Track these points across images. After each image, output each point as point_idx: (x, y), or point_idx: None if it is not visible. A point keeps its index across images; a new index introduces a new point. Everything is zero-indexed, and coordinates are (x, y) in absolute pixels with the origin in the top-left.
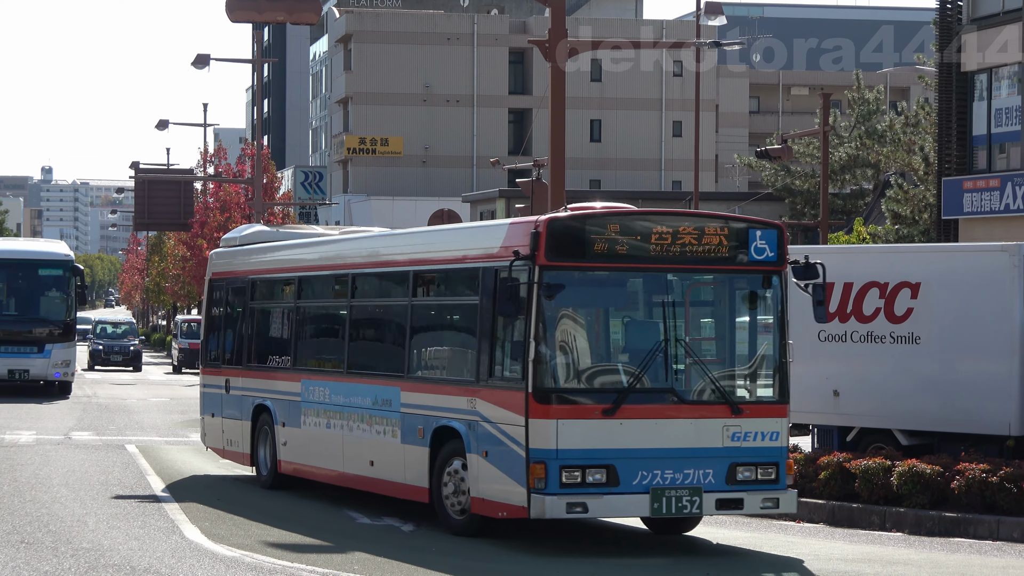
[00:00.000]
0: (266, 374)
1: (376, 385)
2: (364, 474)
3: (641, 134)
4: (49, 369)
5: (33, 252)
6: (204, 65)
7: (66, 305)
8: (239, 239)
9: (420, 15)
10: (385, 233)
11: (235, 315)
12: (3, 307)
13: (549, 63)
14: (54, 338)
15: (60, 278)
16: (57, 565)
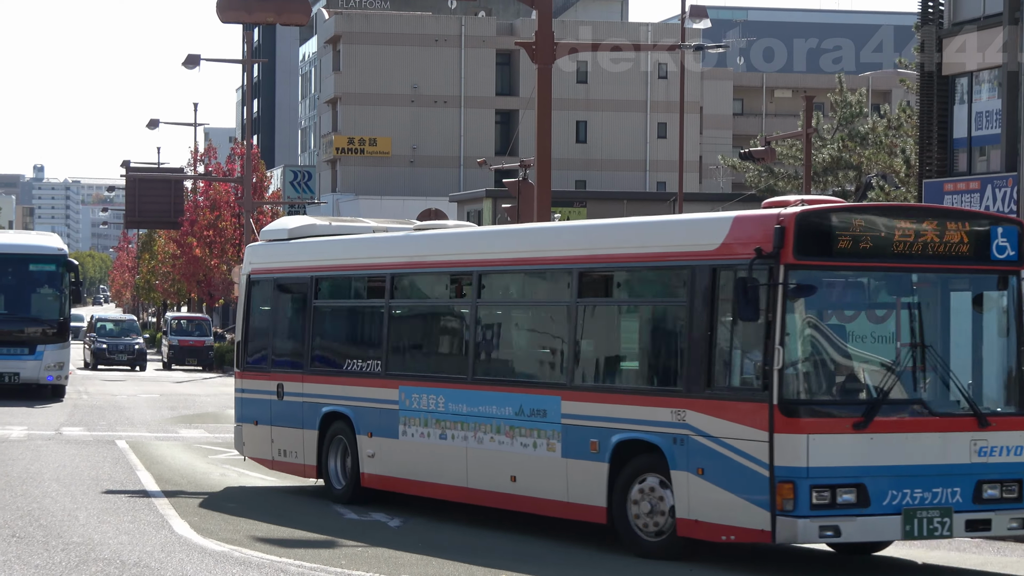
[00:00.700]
0: (342, 379)
1: (523, 394)
2: (500, 490)
3: (626, 135)
4: (41, 372)
5: (23, 246)
6: (194, 65)
7: (59, 303)
8: (287, 232)
9: (408, 17)
10: (531, 228)
11: (290, 314)
12: None
13: (536, 65)
14: (46, 338)
15: (53, 274)
16: (48, 559)
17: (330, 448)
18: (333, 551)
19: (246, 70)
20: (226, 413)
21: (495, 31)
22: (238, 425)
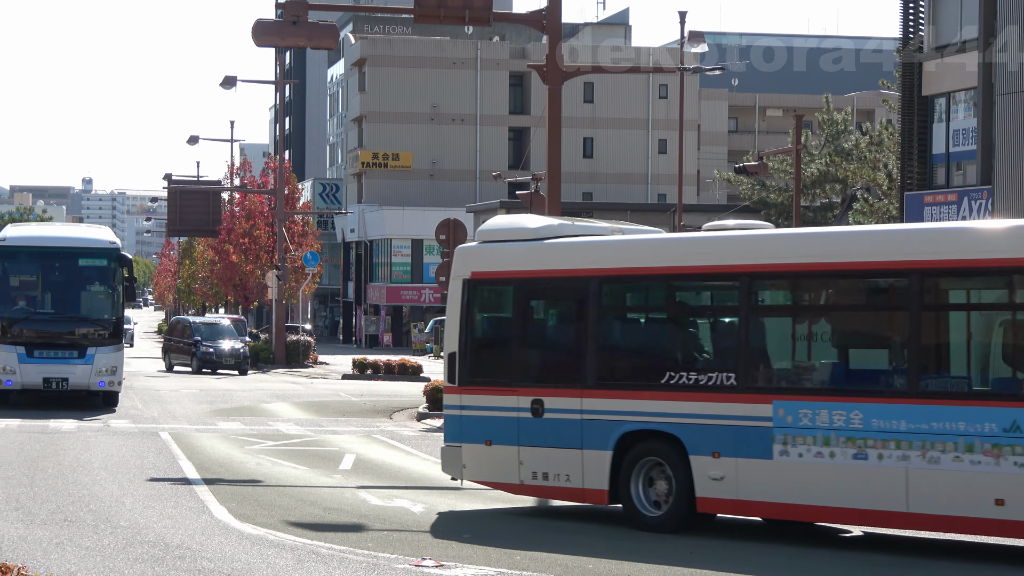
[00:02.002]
0: (657, 394)
1: (1012, 408)
2: (976, 515)
3: (629, 151)
4: (92, 377)
5: (72, 239)
6: (231, 86)
7: (111, 301)
8: (532, 232)
9: (428, 41)
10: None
11: (553, 322)
12: (38, 304)
13: (546, 86)
14: (98, 341)
15: (104, 269)
16: (97, 541)
17: (632, 470)
18: (361, 535)
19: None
20: (260, 407)
21: (508, 54)
22: (454, 446)
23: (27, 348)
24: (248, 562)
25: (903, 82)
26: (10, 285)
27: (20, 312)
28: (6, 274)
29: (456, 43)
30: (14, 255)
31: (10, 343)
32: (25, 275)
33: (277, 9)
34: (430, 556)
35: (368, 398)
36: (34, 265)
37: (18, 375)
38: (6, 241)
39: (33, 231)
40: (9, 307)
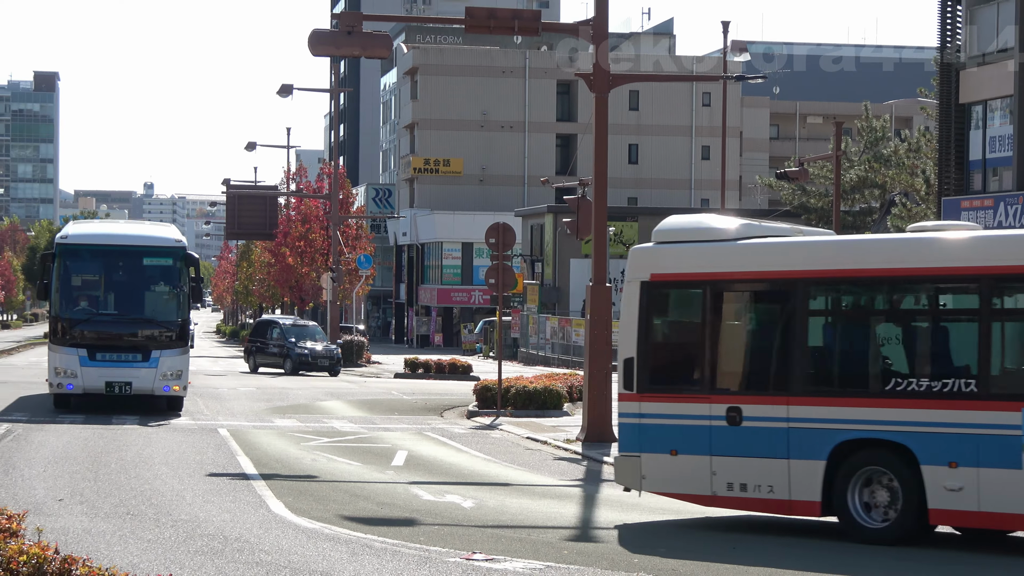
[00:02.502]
0: (884, 402)
1: None
2: None
3: (673, 157)
4: (156, 382)
5: (136, 237)
6: (288, 94)
7: (177, 302)
8: (725, 232)
9: (478, 50)
10: None
11: (752, 326)
12: (100, 305)
13: (593, 94)
14: (163, 343)
15: (170, 269)
16: (159, 534)
17: (850, 481)
18: (413, 529)
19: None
20: (316, 405)
21: (556, 63)
22: (632, 456)
23: (89, 350)
24: (304, 555)
25: (941, 90)
26: (71, 285)
27: (82, 313)
28: (67, 273)
29: (505, 52)
30: (76, 253)
31: (71, 345)
32: (87, 274)
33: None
34: (480, 550)
35: (419, 396)
36: (96, 264)
37: (80, 379)
38: (67, 239)
39: (96, 229)
40: (70, 308)
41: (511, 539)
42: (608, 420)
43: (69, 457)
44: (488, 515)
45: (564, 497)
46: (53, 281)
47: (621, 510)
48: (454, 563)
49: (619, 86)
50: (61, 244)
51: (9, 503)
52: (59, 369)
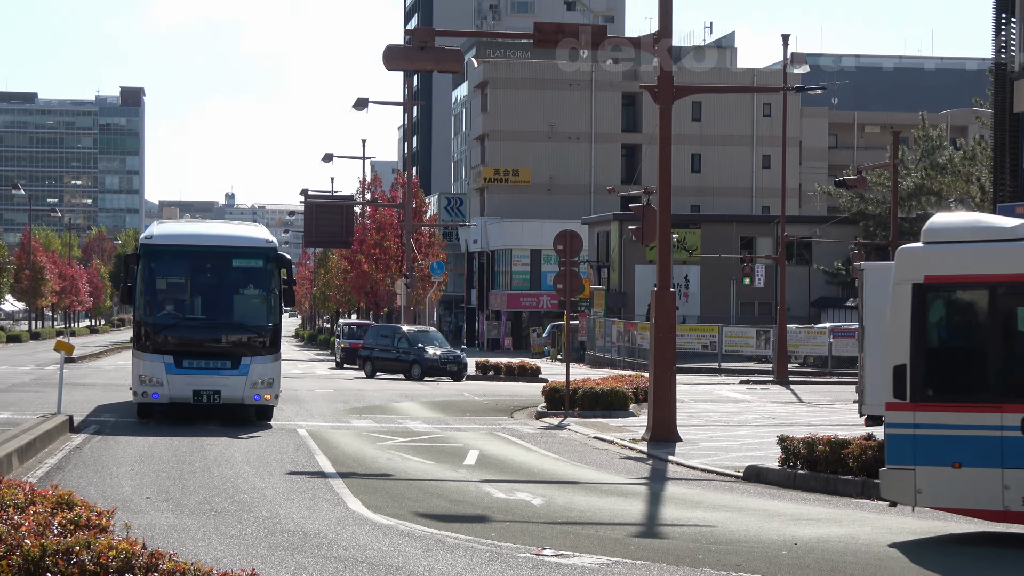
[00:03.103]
0: None
1: None
2: None
3: (735, 166)
4: (247, 390)
5: (224, 237)
6: (363, 107)
7: (268, 306)
8: (1012, 231)
9: (546, 64)
10: None
11: None
12: (187, 309)
13: (657, 105)
14: (254, 349)
15: (260, 271)
16: (241, 530)
17: None
18: (485, 525)
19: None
20: (391, 406)
21: (621, 76)
22: (904, 469)
23: (175, 357)
24: (380, 550)
25: (995, 99)
26: (156, 288)
27: (168, 318)
28: (151, 276)
29: (572, 65)
30: (161, 255)
31: (157, 351)
32: (173, 277)
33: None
34: (550, 546)
35: (490, 397)
36: (183, 266)
37: (165, 387)
38: (152, 239)
39: (181, 228)
40: (155, 312)
41: (579, 535)
42: (672, 420)
43: (154, 456)
44: (557, 512)
45: (630, 495)
46: (137, 284)
47: (685, 507)
48: (524, 558)
49: (682, 97)
50: (145, 245)
51: (99, 500)
52: (144, 377)
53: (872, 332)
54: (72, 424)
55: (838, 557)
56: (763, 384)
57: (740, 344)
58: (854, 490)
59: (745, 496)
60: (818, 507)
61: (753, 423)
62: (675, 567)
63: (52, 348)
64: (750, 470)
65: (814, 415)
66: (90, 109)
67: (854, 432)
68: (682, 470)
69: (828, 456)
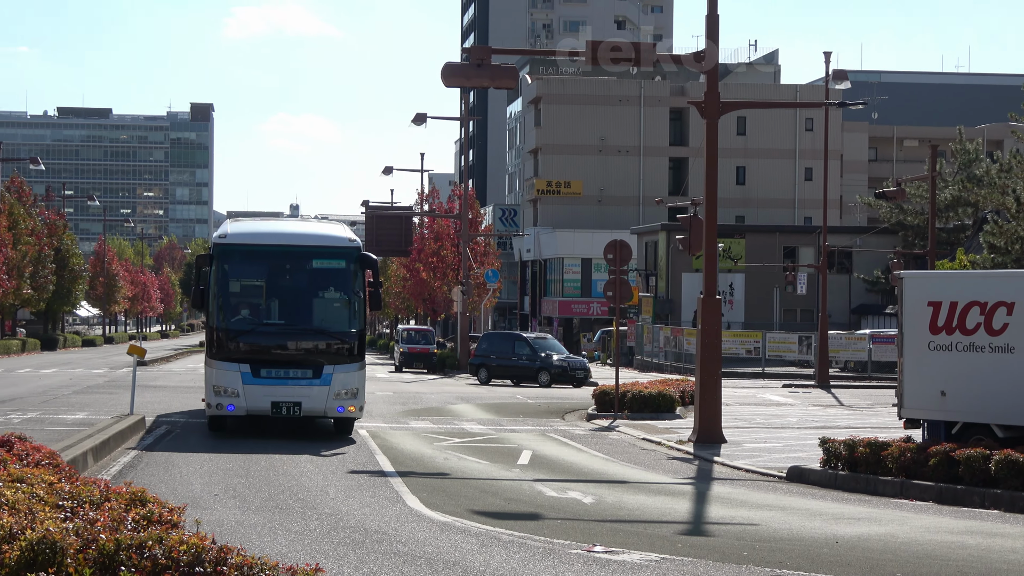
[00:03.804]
0: None
1: None
2: None
3: (778, 178)
4: (329, 402)
5: (305, 236)
6: (422, 122)
7: (351, 310)
8: None
9: (597, 81)
10: None
11: None
12: (264, 314)
13: (704, 120)
14: (337, 357)
15: (343, 272)
16: (305, 526)
17: None
18: (537, 523)
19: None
20: (447, 408)
21: (669, 92)
22: None
23: (252, 366)
24: (437, 546)
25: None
26: (230, 291)
27: (244, 323)
28: (225, 278)
29: (622, 82)
30: (236, 255)
31: (232, 360)
32: (249, 279)
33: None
34: (600, 542)
35: (542, 400)
36: (260, 267)
37: (242, 398)
38: (227, 239)
39: (258, 227)
40: (229, 317)
41: (628, 532)
42: (718, 422)
43: (221, 456)
44: (607, 510)
45: (677, 494)
46: (211, 287)
47: (730, 506)
48: (576, 555)
49: (728, 112)
50: (220, 244)
51: (170, 497)
52: (219, 387)
53: (911, 338)
54: (144, 424)
55: (878, 555)
56: (805, 388)
57: (783, 349)
58: (893, 490)
59: (788, 496)
60: (858, 507)
61: (795, 425)
62: (720, 563)
63: (125, 352)
64: (793, 471)
65: (854, 418)
66: (162, 124)
67: (893, 434)
68: (727, 470)
69: (868, 457)
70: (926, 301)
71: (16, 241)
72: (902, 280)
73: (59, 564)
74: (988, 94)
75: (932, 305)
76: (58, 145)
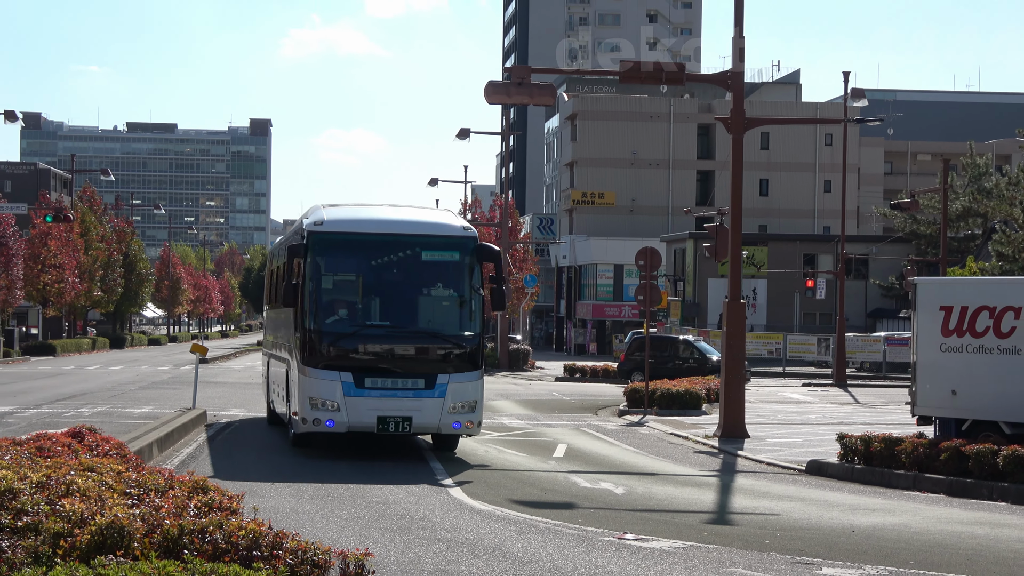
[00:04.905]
0: None
1: None
2: None
3: (799, 190)
4: (444, 417)
5: (414, 224)
6: (466, 137)
7: (469, 310)
8: None
9: (629, 98)
10: None
11: None
12: (365, 313)
13: (730, 135)
14: (453, 364)
15: (458, 266)
16: (355, 514)
17: None
18: (572, 511)
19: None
20: (487, 404)
21: (696, 109)
22: None
23: (355, 375)
24: (479, 532)
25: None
26: (327, 287)
27: (344, 324)
28: (317, 272)
29: (653, 100)
30: (334, 245)
31: (331, 367)
32: (346, 273)
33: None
34: (630, 530)
35: (577, 397)
36: (362, 259)
37: (343, 412)
38: (324, 226)
39: (359, 213)
40: (325, 317)
41: (657, 521)
42: (741, 419)
43: (276, 447)
44: (637, 500)
45: (703, 485)
46: (305, 283)
47: (753, 497)
48: (608, 542)
49: (752, 128)
50: (316, 233)
51: (229, 486)
52: (316, 400)
53: (923, 340)
54: (205, 418)
55: (892, 544)
56: (823, 387)
57: (802, 350)
58: (906, 483)
59: (807, 488)
60: (874, 498)
61: (814, 422)
62: (744, 551)
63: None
64: (812, 464)
65: (870, 415)
66: (223, 138)
67: (906, 431)
68: (750, 464)
69: (883, 452)
70: (938, 306)
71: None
72: (916, 286)
73: (127, 547)
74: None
75: (944, 309)
76: (127, 158)
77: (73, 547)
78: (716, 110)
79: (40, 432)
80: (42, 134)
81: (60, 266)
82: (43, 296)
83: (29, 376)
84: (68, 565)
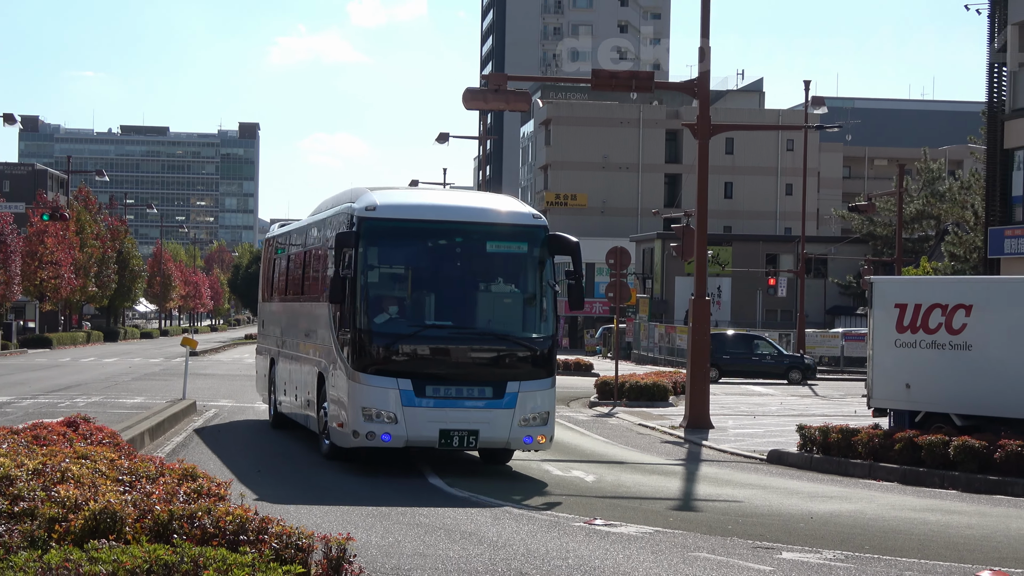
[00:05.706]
0: None
1: None
2: None
3: (761, 193)
4: (513, 430)
5: (474, 211)
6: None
7: (539, 308)
8: None
9: (601, 105)
10: None
11: None
12: (424, 312)
13: (697, 140)
14: (523, 370)
15: (527, 259)
16: (336, 499)
17: None
18: (544, 498)
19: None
20: None
21: (665, 115)
22: None
23: (415, 383)
24: (455, 518)
25: (988, 137)
26: (369, 282)
27: (400, 325)
28: (366, 265)
29: (623, 106)
30: (389, 234)
31: (387, 373)
32: (400, 265)
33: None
34: (600, 516)
35: None
36: (416, 250)
37: (401, 425)
38: (377, 212)
39: (414, 198)
40: (375, 315)
41: (626, 508)
42: (706, 410)
43: (264, 436)
44: (606, 488)
45: (670, 474)
46: (357, 277)
47: (717, 485)
48: (578, 527)
49: (717, 134)
50: (368, 220)
51: (217, 473)
52: (370, 411)
53: (879, 336)
54: (195, 408)
55: (848, 530)
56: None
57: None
58: (862, 472)
59: (768, 476)
60: (831, 486)
61: (775, 413)
62: (708, 536)
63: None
64: (772, 454)
65: (828, 407)
66: (213, 141)
67: (863, 422)
68: (714, 453)
69: (840, 442)
70: (893, 303)
71: (83, 244)
72: (872, 284)
73: (119, 532)
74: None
75: (899, 307)
76: (121, 159)
77: (67, 531)
78: (683, 116)
79: (36, 421)
80: (39, 136)
81: (56, 263)
82: (40, 291)
83: (26, 368)
84: (63, 549)
